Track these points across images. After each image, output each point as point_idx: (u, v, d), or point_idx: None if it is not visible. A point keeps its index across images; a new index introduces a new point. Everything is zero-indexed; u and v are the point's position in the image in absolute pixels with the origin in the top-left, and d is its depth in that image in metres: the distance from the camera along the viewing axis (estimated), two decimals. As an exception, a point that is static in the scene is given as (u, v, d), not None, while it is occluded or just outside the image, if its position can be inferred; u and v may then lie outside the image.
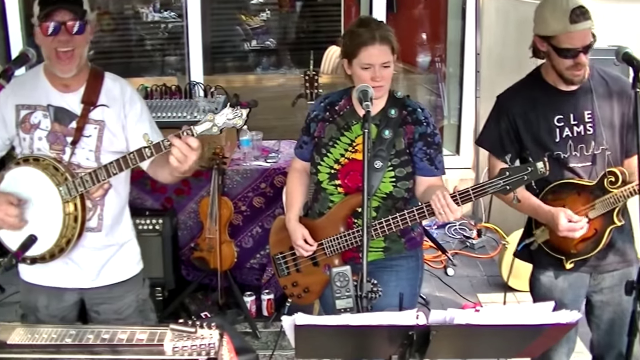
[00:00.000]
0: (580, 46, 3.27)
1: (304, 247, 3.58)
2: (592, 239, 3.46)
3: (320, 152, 3.59)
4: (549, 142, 3.47)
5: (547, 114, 3.47)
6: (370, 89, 3.20)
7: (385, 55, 3.38)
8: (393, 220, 3.36)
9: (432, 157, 3.54)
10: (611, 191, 3.37)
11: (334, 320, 2.24)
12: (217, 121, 2.94)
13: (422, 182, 3.56)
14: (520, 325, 2.29)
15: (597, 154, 3.46)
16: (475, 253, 6.73)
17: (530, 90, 3.55)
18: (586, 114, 3.45)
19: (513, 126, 3.53)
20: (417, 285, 3.78)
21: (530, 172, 3.03)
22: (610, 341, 3.65)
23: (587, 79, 3.45)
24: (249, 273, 5.61)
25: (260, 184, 5.42)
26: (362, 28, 3.41)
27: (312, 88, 5.04)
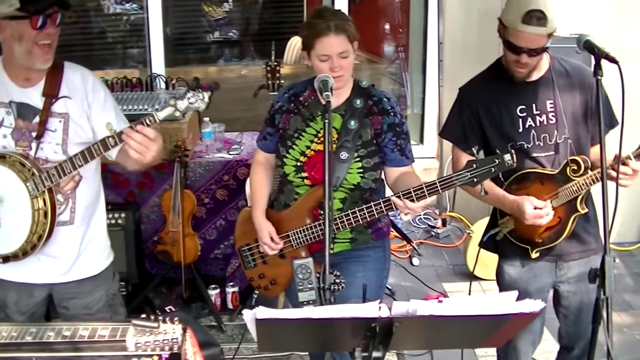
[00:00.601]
0: (525, 47, 3.27)
1: (270, 245, 3.57)
2: (557, 227, 3.47)
3: (285, 144, 3.56)
4: (512, 132, 3.47)
5: (510, 105, 3.47)
6: (330, 79, 3.18)
7: (341, 45, 3.34)
8: (360, 212, 3.34)
9: (402, 148, 3.52)
10: (574, 179, 3.37)
11: (295, 314, 2.21)
12: (179, 106, 2.92)
13: (394, 172, 3.55)
14: (483, 316, 2.28)
15: (559, 143, 3.46)
16: (440, 242, 6.76)
17: (492, 81, 3.54)
18: (548, 103, 3.45)
19: (476, 117, 3.53)
20: (384, 276, 3.76)
21: (498, 164, 3.01)
22: (579, 331, 3.66)
23: (549, 69, 3.46)
24: (213, 264, 5.58)
25: (223, 176, 5.38)
26: (317, 19, 3.37)
27: (274, 79, 5.02)
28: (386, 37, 8.96)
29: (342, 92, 3.50)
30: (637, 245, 6.81)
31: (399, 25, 8.56)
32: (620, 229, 6.71)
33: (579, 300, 3.62)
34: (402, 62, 8.29)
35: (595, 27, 6.00)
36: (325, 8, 3.53)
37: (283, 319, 2.21)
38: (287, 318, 2.21)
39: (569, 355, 3.84)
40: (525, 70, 3.38)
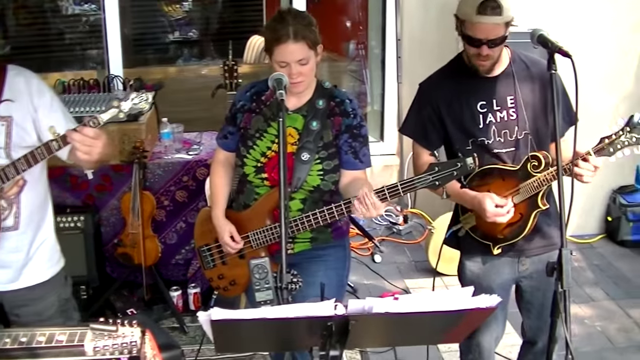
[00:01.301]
0: (483, 38, 3.25)
1: (230, 245, 3.54)
2: (518, 223, 3.46)
3: (246, 144, 3.52)
4: (472, 128, 3.46)
5: (470, 100, 3.45)
6: (284, 77, 3.15)
7: (300, 52, 3.29)
8: (320, 214, 3.32)
9: (356, 150, 3.49)
10: (534, 175, 3.36)
11: (250, 314, 2.20)
12: (122, 107, 2.89)
13: (346, 175, 3.52)
14: (440, 312, 2.28)
15: (520, 139, 3.46)
16: (402, 239, 6.77)
17: (452, 77, 3.52)
18: (509, 99, 3.44)
19: (436, 113, 3.51)
20: (344, 275, 3.75)
21: (460, 167, 3.00)
22: (542, 325, 3.64)
23: (509, 64, 3.45)
24: (175, 269, 5.55)
25: (183, 177, 5.35)
26: (278, 23, 3.31)
27: (231, 78, 5.01)
28: (346, 35, 8.95)
29: (305, 92, 3.48)
30: (597, 238, 6.87)
31: (359, 22, 8.57)
32: (579, 221, 6.78)
33: (541, 295, 3.62)
34: (363, 59, 8.29)
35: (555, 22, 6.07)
36: (288, 11, 3.45)
37: (238, 320, 2.19)
38: (242, 319, 2.19)
39: (532, 349, 3.86)
40: (488, 63, 3.36)
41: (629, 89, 6.64)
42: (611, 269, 6.32)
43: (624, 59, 6.57)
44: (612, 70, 6.54)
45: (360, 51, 8.40)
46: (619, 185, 6.86)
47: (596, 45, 6.40)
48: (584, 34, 6.32)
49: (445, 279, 5.68)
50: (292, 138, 3.46)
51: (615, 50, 6.51)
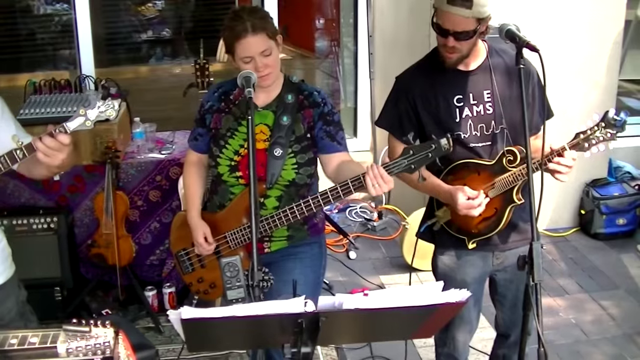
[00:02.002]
0: (450, 29, 3.24)
1: (204, 246, 3.54)
2: (493, 218, 3.47)
3: (218, 144, 3.53)
4: (449, 122, 3.45)
5: (447, 94, 3.45)
6: (253, 75, 3.16)
7: (261, 44, 3.31)
8: (297, 207, 3.32)
9: (332, 134, 3.51)
10: (510, 170, 3.38)
11: (220, 312, 2.20)
12: (89, 115, 2.87)
13: (331, 160, 3.52)
14: (410, 307, 2.29)
15: (497, 133, 3.45)
16: (377, 235, 6.78)
17: (429, 70, 3.51)
18: (485, 93, 3.44)
19: (412, 106, 3.49)
20: (320, 272, 3.77)
21: (434, 149, 2.99)
22: (515, 318, 3.67)
23: (486, 58, 3.45)
24: (150, 270, 5.53)
25: (156, 176, 5.33)
26: (234, 22, 3.34)
27: (203, 77, 5.01)
28: (318, 32, 8.96)
29: (273, 88, 3.49)
30: (570, 231, 6.92)
31: (331, 19, 8.57)
32: (553, 215, 6.83)
33: (515, 288, 3.65)
34: (336, 56, 8.30)
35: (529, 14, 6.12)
36: (242, 8, 3.45)
37: (209, 318, 2.19)
38: (212, 317, 2.19)
39: (506, 342, 3.88)
40: (455, 56, 3.34)
41: (602, 81, 6.68)
42: (585, 261, 6.36)
43: (599, 51, 6.62)
44: (585, 62, 6.59)
45: (334, 48, 8.41)
46: (591, 179, 6.91)
47: (570, 37, 6.44)
48: (558, 27, 6.37)
49: (420, 275, 5.68)
50: (264, 134, 3.47)
51: (589, 42, 6.55)
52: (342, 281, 5.91)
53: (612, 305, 5.63)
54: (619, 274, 6.16)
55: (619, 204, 6.76)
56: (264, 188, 3.43)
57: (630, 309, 5.59)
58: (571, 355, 4.97)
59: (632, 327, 5.34)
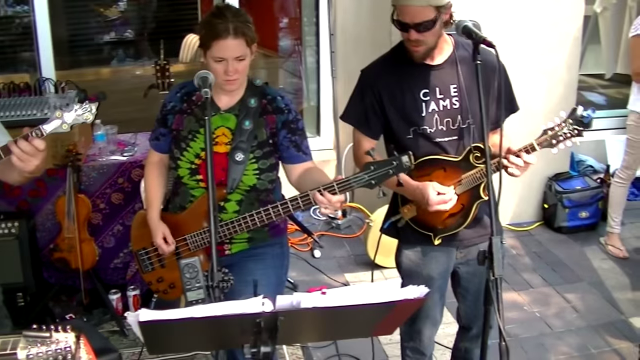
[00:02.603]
0: (409, 22, 3.22)
1: (163, 247, 3.53)
2: (460, 214, 3.48)
3: (179, 146, 3.50)
4: (414, 116, 3.42)
5: (413, 88, 3.42)
6: (210, 75, 3.14)
7: (239, 49, 3.28)
8: (257, 215, 3.31)
9: (298, 144, 3.50)
10: (477, 166, 3.38)
11: (178, 314, 2.18)
12: (66, 118, 2.85)
13: (295, 170, 3.53)
14: (368, 305, 2.29)
15: (463, 128, 3.45)
16: (341, 233, 6.79)
17: (395, 64, 3.48)
18: (452, 87, 3.43)
19: (378, 100, 3.46)
20: (283, 272, 3.77)
21: (395, 166, 2.98)
22: (477, 311, 3.67)
23: (452, 52, 3.44)
24: (114, 273, 5.48)
25: (118, 178, 5.30)
26: (217, 19, 3.27)
27: (163, 78, 4.97)
28: (281, 31, 8.94)
29: (237, 91, 3.47)
30: (534, 225, 6.98)
31: (294, 18, 8.55)
32: (517, 209, 6.88)
33: (478, 281, 3.64)
34: (299, 55, 8.29)
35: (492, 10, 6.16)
36: (226, 7, 3.40)
37: (167, 320, 2.18)
38: (170, 319, 2.18)
39: (468, 335, 3.91)
40: (422, 49, 3.31)
41: (563, 76, 6.73)
42: (549, 255, 6.42)
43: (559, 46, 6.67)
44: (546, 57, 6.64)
45: (297, 47, 8.40)
46: (554, 173, 6.97)
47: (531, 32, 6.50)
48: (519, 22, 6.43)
49: (385, 272, 5.72)
50: (226, 138, 3.45)
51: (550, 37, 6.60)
52: (307, 280, 5.91)
53: (576, 298, 5.68)
54: (582, 266, 6.23)
55: (582, 197, 6.83)
56: (225, 193, 3.42)
57: (594, 302, 5.65)
58: (536, 348, 5.01)
59: (596, 319, 5.39)
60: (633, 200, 7.21)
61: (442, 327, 3.96)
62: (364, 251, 6.10)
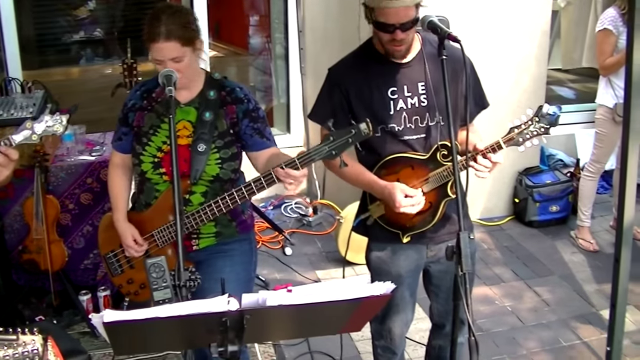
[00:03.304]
0: (395, 23, 3.20)
1: (134, 248, 3.52)
2: (428, 212, 3.47)
3: (141, 141, 3.51)
4: (382, 114, 3.42)
5: (381, 86, 3.42)
6: (174, 74, 3.17)
7: (173, 51, 3.29)
8: (222, 200, 3.33)
9: (261, 130, 3.52)
10: (444, 164, 3.38)
11: (143, 314, 2.17)
12: (36, 129, 2.84)
13: (261, 156, 3.53)
14: (334, 302, 2.28)
15: (431, 126, 3.44)
16: (312, 230, 6.79)
17: (363, 62, 3.48)
18: (420, 85, 3.42)
19: (345, 98, 3.45)
20: (251, 269, 3.77)
21: (354, 134, 2.99)
22: (449, 309, 3.58)
23: (420, 49, 3.44)
24: (84, 274, 5.45)
25: (87, 179, 5.26)
26: (153, 21, 3.30)
27: (131, 77, 4.97)
28: (250, 29, 8.92)
29: (195, 85, 3.50)
30: (505, 220, 7.01)
31: (263, 15, 8.54)
32: (487, 204, 6.91)
33: (449, 279, 3.53)
34: (268, 52, 8.28)
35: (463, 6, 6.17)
36: (163, 8, 3.36)
37: (131, 321, 2.16)
38: (135, 319, 2.16)
39: (441, 333, 3.91)
40: (403, 47, 3.32)
41: (532, 70, 6.76)
42: (520, 249, 6.45)
43: (528, 40, 6.70)
44: (515, 51, 6.66)
45: (266, 44, 8.38)
46: (524, 167, 7.01)
47: (499, 27, 6.52)
48: (487, 17, 6.44)
49: (356, 268, 5.72)
50: (187, 131, 3.48)
51: (518, 31, 6.63)
52: (278, 278, 5.91)
53: (547, 292, 5.72)
54: (553, 260, 6.26)
55: (552, 191, 6.87)
56: (189, 184, 3.43)
57: (565, 295, 5.68)
58: (508, 342, 5.03)
59: (567, 312, 5.43)
60: (603, 193, 7.24)
61: (414, 323, 3.96)
62: (335, 248, 6.10)
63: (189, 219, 3.40)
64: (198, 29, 3.43)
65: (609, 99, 6.01)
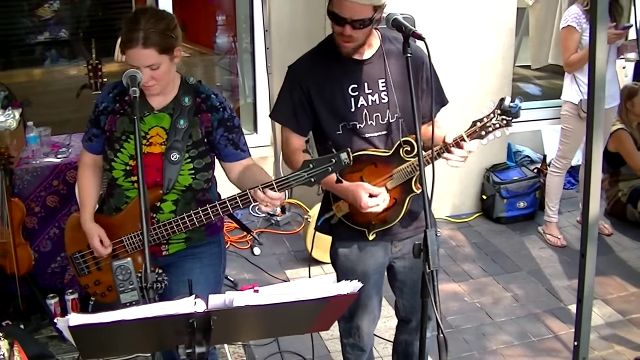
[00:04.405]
0: (348, 17, 3.20)
1: (100, 249, 3.47)
2: (393, 208, 3.47)
3: (113, 147, 3.45)
4: (343, 112, 3.42)
5: (342, 83, 3.41)
6: (138, 74, 3.12)
7: (150, 59, 3.22)
8: (195, 215, 3.29)
9: (235, 141, 3.49)
10: (407, 160, 3.39)
11: (109, 317, 2.16)
12: None
13: (234, 168, 3.51)
14: (301, 301, 2.29)
15: (392, 123, 3.45)
16: (280, 230, 6.79)
17: (323, 59, 3.47)
18: (380, 82, 3.43)
19: (306, 96, 3.44)
20: (221, 271, 3.75)
21: (334, 163, 2.97)
22: (415, 304, 3.69)
23: (380, 47, 3.44)
24: (51, 278, 5.41)
25: (52, 181, 5.22)
26: (131, 25, 3.21)
27: (96, 78, 4.93)
28: (216, 28, 8.90)
29: (170, 90, 3.43)
30: (473, 216, 7.06)
31: (229, 14, 8.51)
32: (455, 201, 6.94)
33: (414, 275, 3.61)
34: (234, 52, 8.26)
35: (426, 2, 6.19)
36: (142, 10, 3.30)
37: (97, 324, 2.15)
38: (101, 322, 2.15)
39: (407, 328, 3.92)
40: (351, 45, 3.31)
41: (498, 67, 6.80)
42: (488, 245, 6.50)
43: (494, 37, 6.74)
44: (481, 48, 6.70)
45: (233, 44, 8.36)
46: (491, 164, 7.05)
47: (465, 23, 6.55)
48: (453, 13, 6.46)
49: (325, 267, 5.72)
50: (160, 138, 3.42)
51: (484, 27, 6.67)
52: (247, 278, 5.90)
53: (515, 287, 5.77)
54: (521, 256, 6.32)
55: (519, 187, 6.92)
56: (161, 193, 3.39)
57: (534, 290, 5.74)
58: (477, 338, 5.07)
59: (536, 306, 5.48)
60: (570, 189, 7.33)
61: (384, 321, 3.98)
62: (304, 247, 6.12)
63: (160, 229, 3.36)
64: (178, 35, 3.34)
65: (574, 95, 6.07)
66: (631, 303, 5.53)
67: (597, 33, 3.25)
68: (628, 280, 5.85)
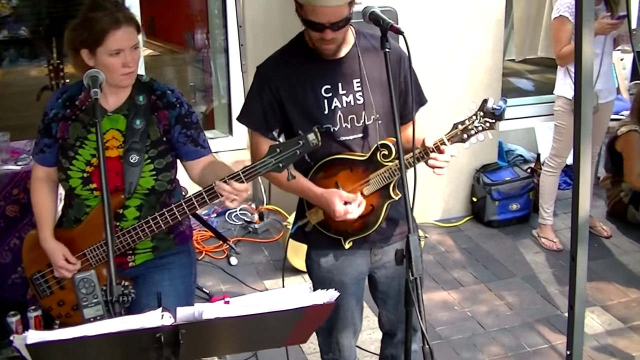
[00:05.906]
0: (325, 22, 3.19)
1: (67, 268, 3.45)
2: (370, 215, 3.46)
3: (67, 155, 3.44)
4: (317, 114, 3.40)
5: (314, 84, 3.40)
6: (100, 75, 3.10)
7: (133, 37, 3.28)
8: (160, 217, 3.29)
9: (195, 138, 3.49)
10: (385, 165, 3.38)
11: (69, 333, 2.15)
12: None
13: (195, 166, 3.51)
14: (275, 312, 2.29)
15: (368, 125, 3.43)
16: (259, 238, 6.79)
17: (294, 58, 3.45)
18: (355, 82, 3.41)
19: (276, 98, 3.42)
20: (191, 281, 3.76)
21: (302, 145, 2.97)
22: (399, 316, 3.66)
23: (354, 44, 3.42)
24: (12, 290, 5.38)
25: (12, 189, 5.21)
26: (99, 12, 3.23)
27: (57, 79, 4.90)
28: (188, 25, 8.90)
29: (122, 90, 3.43)
30: (463, 220, 7.07)
31: (201, 10, 8.52)
32: (444, 205, 6.96)
33: (397, 284, 3.64)
34: (207, 49, 8.26)
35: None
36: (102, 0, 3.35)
37: (57, 341, 2.15)
38: (61, 339, 2.15)
39: (392, 341, 3.91)
40: (334, 46, 3.31)
41: (487, 61, 6.82)
42: (479, 251, 6.52)
43: (482, 30, 6.76)
44: (469, 42, 6.72)
45: (205, 41, 8.36)
46: (482, 164, 7.06)
47: (452, 16, 6.56)
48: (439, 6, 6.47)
49: (305, 276, 5.71)
50: (117, 141, 3.42)
51: (472, 20, 6.70)
52: (223, 289, 5.90)
53: (509, 295, 5.78)
54: (515, 261, 6.33)
55: (511, 188, 6.93)
56: (123, 198, 3.39)
57: (528, 297, 5.75)
58: (468, 349, 5.08)
59: (530, 315, 5.49)
60: (565, 189, 7.33)
61: (369, 333, 3.98)
62: (283, 256, 6.08)
63: (125, 237, 3.36)
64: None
65: (567, 89, 6.07)
66: (632, 309, 5.55)
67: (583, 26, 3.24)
68: (629, 286, 5.88)
